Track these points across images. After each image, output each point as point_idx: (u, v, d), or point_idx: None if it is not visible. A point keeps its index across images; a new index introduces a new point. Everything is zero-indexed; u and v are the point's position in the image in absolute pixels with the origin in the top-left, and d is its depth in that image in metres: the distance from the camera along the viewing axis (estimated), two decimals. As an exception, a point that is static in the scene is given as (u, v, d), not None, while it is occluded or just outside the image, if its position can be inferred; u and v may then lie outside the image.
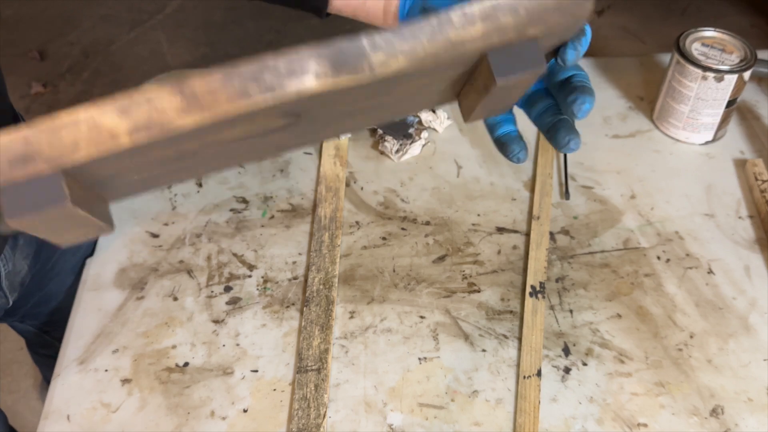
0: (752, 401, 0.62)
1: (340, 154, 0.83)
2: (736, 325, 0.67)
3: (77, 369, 0.64)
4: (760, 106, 0.89)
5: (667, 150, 0.84)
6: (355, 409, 0.61)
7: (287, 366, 0.64)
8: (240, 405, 0.62)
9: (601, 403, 0.62)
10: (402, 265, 0.72)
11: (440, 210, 0.78)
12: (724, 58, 0.80)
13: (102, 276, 0.72)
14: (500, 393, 0.62)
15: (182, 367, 0.65)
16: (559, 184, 0.80)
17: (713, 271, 0.71)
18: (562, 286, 0.70)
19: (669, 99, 0.83)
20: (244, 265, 0.72)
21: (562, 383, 0.63)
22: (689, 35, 0.83)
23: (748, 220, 0.76)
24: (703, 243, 0.74)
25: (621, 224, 0.76)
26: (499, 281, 0.71)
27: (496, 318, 0.68)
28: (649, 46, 2.24)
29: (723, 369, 0.64)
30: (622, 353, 0.65)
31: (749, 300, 0.69)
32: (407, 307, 0.69)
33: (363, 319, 0.68)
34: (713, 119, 0.82)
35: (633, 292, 0.70)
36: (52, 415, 0.61)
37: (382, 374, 0.64)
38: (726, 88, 0.79)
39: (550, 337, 0.66)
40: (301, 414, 0.61)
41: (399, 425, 0.60)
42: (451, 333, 0.67)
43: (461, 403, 0.62)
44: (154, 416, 0.61)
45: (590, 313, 0.68)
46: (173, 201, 0.79)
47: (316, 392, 0.62)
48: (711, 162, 0.83)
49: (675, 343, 0.66)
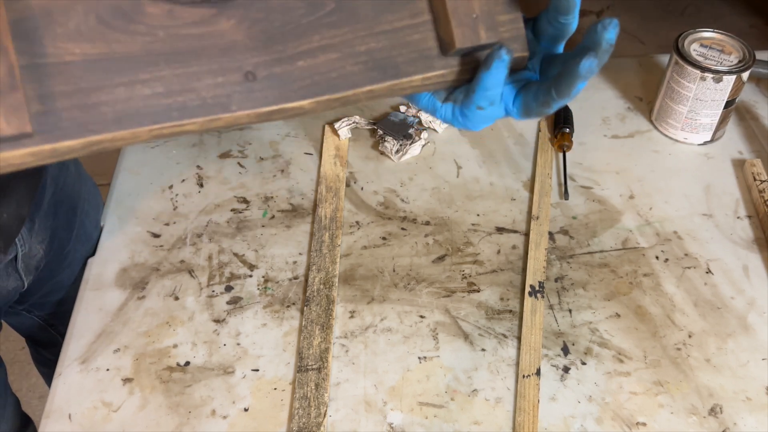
0: (751, 400, 0.62)
1: (340, 155, 0.84)
2: (735, 324, 0.67)
3: (78, 368, 0.64)
4: (758, 106, 0.90)
5: (665, 150, 0.85)
6: (356, 408, 0.62)
7: (288, 365, 0.65)
8: (241, 404, 0.62)
9: (600, 402, 0.62)
10: (402, 265, 0.72)
11: (440, 210, 0.78)
12: (723, 59, 0.80)
13: (103, 276, 0.72)
14: (500, 392, 0.63)
15: (183, 366, 0.65)
16: (559, 184, 0.80)
17: (712, 271, 0.72)
18: (561, 285, 0.70)
19: (668, 99, 0.84)
20: (245, 265, 0.73)
21: (561, 382, 0.63)
22: (688, 36, 0.83)
23: (747, 220, 0.77)
24: (701, 243, 0.74)
25: (620, 224, 0.76)
26: (499, 281, 0.71)
27: (496, 317, 0.68)
28: (648, 46, 2.25)
29: (722, 368, 0.64)
30: (621, 352, 0.65)
31: (748, 300, 0.69)
32: (407, 307, 0.69)
33: (363, 318, 0.68)
34: (712, 120, 0.82)
35: (632, 292, 0.70)
36: (54, 414, 0.61)
37: (382, 373, 0.64)
38: (724, 88, 0.79)
39: (549, 337, 0.66)
40: (301, 413, 0.61)
41: (399, 424, 0.60)
42: (450, 332, 0.67)
43: (461, 402, 0.62)
44: (155, 415, 0.61)
45: (589, 313, 0.68)
46: (174, 201, 0.79)
47: (316, 391, 0.62)
48: (709, 162, 0.83)
49: (674, 343, 0.66)
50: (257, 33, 0.37)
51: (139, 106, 0.35)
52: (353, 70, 0.39)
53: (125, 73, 0.34)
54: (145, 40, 0.35)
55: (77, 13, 0.33)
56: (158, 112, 0.35)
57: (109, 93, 0.34)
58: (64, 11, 0.33)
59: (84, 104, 0.34)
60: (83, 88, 0.34)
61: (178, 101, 0.35)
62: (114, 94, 0.34)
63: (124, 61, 0.34)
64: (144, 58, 0.35)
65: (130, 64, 0.35)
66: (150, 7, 0.34)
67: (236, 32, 0.37)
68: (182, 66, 0.36)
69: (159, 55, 0.35)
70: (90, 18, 0.33)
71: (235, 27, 0.36)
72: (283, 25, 0.38)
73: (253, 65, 0.37)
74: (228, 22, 0.36)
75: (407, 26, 0.41)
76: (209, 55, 0.36)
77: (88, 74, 0.34)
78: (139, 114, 0.34)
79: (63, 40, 0.33)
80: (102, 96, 0.34)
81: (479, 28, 0.41)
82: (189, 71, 0.36)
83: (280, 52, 0.38)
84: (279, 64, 0.37)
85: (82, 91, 0.34)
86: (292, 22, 0.38)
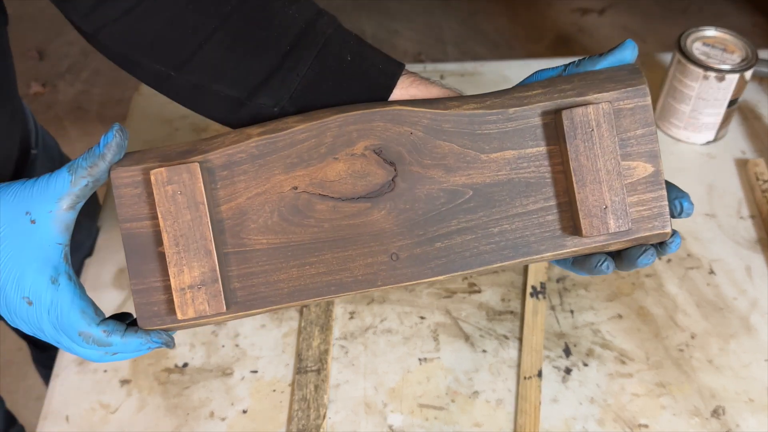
0: (753, 401, 0.61)
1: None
2: (737, 325, 0.67)
3: (76, 369, 0.64)
4: (761, 105, 0.89)
5: (668, 150, 0.84)
6: (355, 409, 0.61)
7: (287, 367, 0.64)
8: (239, 406, 0.62)
9: (602, 403, 0.61)
10: (402, 266, 0.72)
11: (440, 210, 0.77)
12: (726, 58, 0.79)
13: (101, 276, 0.71)
14: (501, 393, 0.62)
15: (181, 367, 0.64)
16: (560, 183, 0.80)
17: (714, 272, 0.71)
18: (562, 286, 0.70)
19: (670, 99, 0.83)
20: (244, 266, 0.72)
21: (563, 384, 0.63)
22: (690, 35, 0.82)
23: (750, 220, 0.76)
24: (704, 243, 0.74)
25: (622, 224, 0.76)
26: (500, 281, 0.71)
27: (497, 318, 0.68)
28: (650, 45, 2.24)
29: (724, 369, 0.64)
30: (623, 354, 0.65)
31: (750, 300, 0.69)
32: (407, 308, 0.69)
33: (363, 319, 0.68)
34: (714, 119, 0.82)
35: (634, 293, 0.70)
36: (51, 415, 0.61)
37: (382, 375, 0.64)
38: (727, 87, 0.79)
39: (550, 338, 0.66)
40: (300, 415, 0.60)
41: (399, 426, 0.60)
42: (451, 333, 0.66)
43: (461, 403, 0.62)
44: (154, 417, 0.61)
45: (591, 314, 0.68)
46: (173, 201, 0.79)
47: (315, 393, 0.62)
48: (712, 162, 0.83)
49: (676, 344, 0.65)
50: (403, 220, 0.43)
51: (307, 283, 0.44)
52: (486, 249, 0.44)
53: (298, 257, 0.43)
54: (314, 231, 0.43)
55: (265, 212, 0.43)
56: (320, 287, 0.44)
57: (286, 273, 0.43)
58: (256, 211, 0.43)
59: (267, 282, 0.43)
60: (267, 270, 0.43)
61: (336, 279, 0.43)
62: (289, 274, 0.43)
63: (297, 247, 0.43)
64: (312, 245, 0.43)
65: (302, 250, 0.43)
66: (319, 204, 0.43)
67: (386, 221, 0.43)
68: (341, 250, 0.43)
69: (324, 242, 0.43)
70: (274, 215, 0.43)
71: (385, 216, 0.43)
72: (426, 212, 0.43)
73: (398, 248, 0.44)
74: (379, 213, 0.43)
75: (540, 209, 0.43)
76: (363, 240, 0.43)
77: (272, 259, 0.43)
78: (307, 289, 0.43)
79: (255, 233, 0.43)
80: (281, 275, 0.43)
81: (608, 218, 0.42)
82: (346, 254, 0.43)
83: (421, 236, 0.43)
84: (419, 245, 0.43)
85: (266, 272, 0.43)
86: (433, 210, 0.43)
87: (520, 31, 2.30)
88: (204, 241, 0.41)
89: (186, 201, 0.41)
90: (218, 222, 0.43)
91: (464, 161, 0.43)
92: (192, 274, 0.41)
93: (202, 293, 0.42)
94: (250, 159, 0.42)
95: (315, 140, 0.42)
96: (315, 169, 0.43)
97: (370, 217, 0.43)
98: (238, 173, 0.42)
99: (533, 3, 2.42)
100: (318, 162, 0.42)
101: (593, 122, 0.40)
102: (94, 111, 2.05)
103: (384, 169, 0.43)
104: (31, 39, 2.32)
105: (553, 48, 2.22)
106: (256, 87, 0.44)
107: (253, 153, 0.42)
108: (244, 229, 0.43)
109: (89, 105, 2.07)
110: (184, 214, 0.41)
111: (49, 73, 2.20)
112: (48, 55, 2.28)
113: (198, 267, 0.41)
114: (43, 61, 2.26)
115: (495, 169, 0.43)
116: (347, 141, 0.42)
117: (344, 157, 0.42)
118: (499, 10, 2.38)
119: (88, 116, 2.04)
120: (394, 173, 0.43)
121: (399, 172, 0.43)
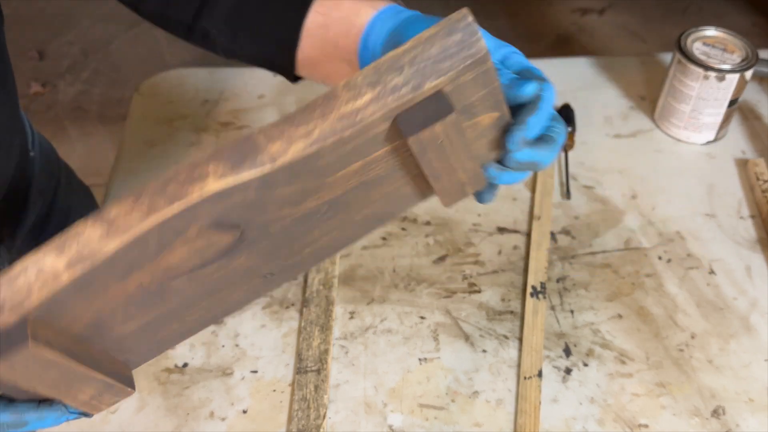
0: (753, 402, 0.61)
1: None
2: (737, 325, 0.67)
3: (76, 369, 0.64)
4: (761, 105, 0.89)
5: (668, 150, 0.84)
6: (355, 409, 0.61)
7: (287, 367, 0.64)
8: (239, 406, 0.62)
9: (602, 403, 0.61)
10: (402, 266, 0.72)
11: (440, 210, 0.77)
12: (726, 58, 0.79)
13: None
14: (501, 394, 0.62)
15: (181, 367, 0.64)
16: (560, 183, 0.80)
17: (714, 272, 0.71)
18: (563, 286, 0.70)
19: (670, 98, 0.83)
20: (244, 265, 0.72)
21: (563, 384, 0.63)
22: (690, 34, 0.82)
23: (750, 220, 0.76)
24: (704, 243, 0.74)
25: (622, 224, 0.76)
26: (500, 281, 0.71)
27: (497, 318, 0.68)
28: (650, 45, 2.24)
29: (724, 369, 0.64)
30: (623, 354, 0.65)
31: (750, 300, 0.69)
32: (407, 308, 0.69)
33: (363, 319, 0.68)
34: (715, 119, 0.82)
35: (634, 293, 0.70)
36: (51, 415, 0.61)
37: (382, 375, 0.63)
38: (727, 87, 0.79)
39: (550, 338, 0.66)
40: (300, 415, 0.60)
41: (399, 426, 0.60)
42: (451, 333, 0.66)
43: (461, 403, 0.62)
44: (153, 417, 0.61)
45: (591, 314, 0.68)
46: (173, 201, 0.79)
47: (315, 393, 0.62)
48: (712, 162, 0.83)
49: (676, 344, 0.65)
50: (266, 253, 0.43)
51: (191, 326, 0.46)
52: (353, 229, 0.45)
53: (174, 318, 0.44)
54: (180, 297, 0.42)
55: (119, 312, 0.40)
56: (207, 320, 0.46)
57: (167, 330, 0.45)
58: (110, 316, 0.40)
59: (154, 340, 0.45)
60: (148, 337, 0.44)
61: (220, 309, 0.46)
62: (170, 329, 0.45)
63: (170, 313, 0.43)
64: (184, 303, 0.43)
65: (175, 312, 0.43)
66: (173, 282, 0.40)
67: (249, 260, 0.42)
68: (216, 293, 0.44)
69: (196, 296, 0.43)
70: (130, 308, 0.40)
71: (247, 258, 0.42)
72: (286, 238, 0.42)
73: (269, 269, 0.44)
74: (240, 259, 0.41)
75: (396, 188, 0.44)
76: (234, 280, 0.43)
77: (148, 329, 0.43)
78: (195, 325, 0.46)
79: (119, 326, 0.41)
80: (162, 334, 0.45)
81: (465, 188, 0.44)
82: (221, 295, 0.44)
83: (288, 254, 0.44)
84: (290, 258, 0.44)
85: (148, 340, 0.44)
86: (293, 233, 0.42)
87: (520, 31, 2.30)
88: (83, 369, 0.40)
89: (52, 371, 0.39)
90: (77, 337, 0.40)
91: (310, 191, 0.40)
92: (89, 393, 0.43)
93: (104, 396, 0.44)
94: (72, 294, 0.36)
95: (138, 251, 0.36)
96: (153, 266, 0.38)
97: (233, 264, 0.41)
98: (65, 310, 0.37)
99: (533, 3, 2.42)
100: (154, 259, 0.37)
101: (441, 136, 0.38)
102: (94, 111, 2.05)
103: (228, 233, 0.39)
104: (31, 39, 2.32)
105: (553, 48, 2.22)
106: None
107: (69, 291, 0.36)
108: (106, 330, 0.41)
109: (89, 105, 2.07)
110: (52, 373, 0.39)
111: (49, 73, 2.20)
112: (48, 55, 2.28)
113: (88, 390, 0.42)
114: (43, 61, 2.26)
115: (344, 183, 0.40)
116: (176, 233, 0.37)
117: (180, 244, 0.38)
118: (499, 10, 2.38)
119: (88, 116, 2.04)
120: (239, 231, 0.39)
121: (245, 228, 0.39)
